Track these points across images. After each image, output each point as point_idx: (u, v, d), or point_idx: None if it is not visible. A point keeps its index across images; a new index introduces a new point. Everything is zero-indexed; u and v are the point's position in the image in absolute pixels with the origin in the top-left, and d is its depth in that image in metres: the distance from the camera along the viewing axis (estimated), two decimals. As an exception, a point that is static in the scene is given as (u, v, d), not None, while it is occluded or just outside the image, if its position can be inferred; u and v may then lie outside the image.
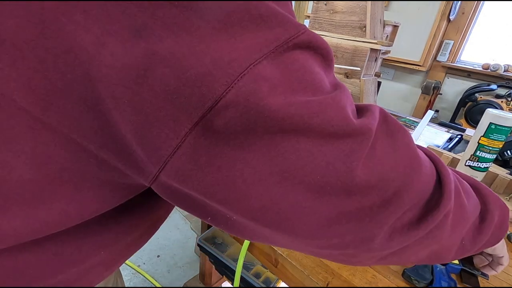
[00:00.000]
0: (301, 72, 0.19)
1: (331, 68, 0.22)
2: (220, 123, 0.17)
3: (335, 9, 1.07)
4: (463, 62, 1.92)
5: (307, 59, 0.20)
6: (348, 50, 1.07)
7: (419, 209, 0.24)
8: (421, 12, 1.84)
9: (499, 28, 1.75)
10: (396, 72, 2.13)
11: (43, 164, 0.21)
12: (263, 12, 0.18)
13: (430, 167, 0.25)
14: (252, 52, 0.17)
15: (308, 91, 0.19)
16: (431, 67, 1.96)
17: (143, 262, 1.47)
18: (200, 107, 0.17)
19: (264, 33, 0.18)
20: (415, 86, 2.07)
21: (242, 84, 0.17)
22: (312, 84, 0.19)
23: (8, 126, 0.20)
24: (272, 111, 0.18)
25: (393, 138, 0.23)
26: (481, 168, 0.63)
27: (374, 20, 1.01)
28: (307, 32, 0.19)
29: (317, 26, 1.14)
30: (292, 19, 0.19)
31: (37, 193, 0.22)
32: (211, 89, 0.17)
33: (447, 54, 1.88)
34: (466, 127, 1.70)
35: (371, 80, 1.11)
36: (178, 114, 0.17)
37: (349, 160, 0.20)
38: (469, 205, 0.28)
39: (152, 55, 0.16)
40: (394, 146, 0.23)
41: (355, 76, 1.08)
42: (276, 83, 0.18)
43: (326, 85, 0.20)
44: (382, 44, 0.99)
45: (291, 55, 0.19)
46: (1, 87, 0.18)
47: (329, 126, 0.19)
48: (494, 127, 0.59)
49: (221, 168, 0.19)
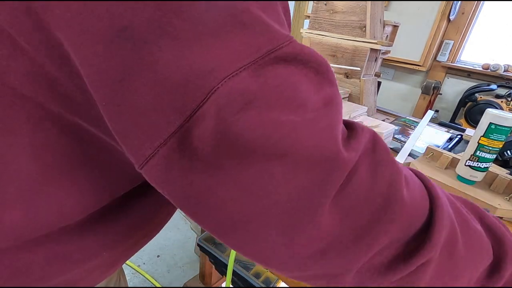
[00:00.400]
0: (282, 88, 0.18)
1: (327, 81, 0.20)
2: (194, 136, 0.17)
3: (335, 9, 1.07)
4: (463, 62, 1.92)
5: (293, 73, 0.18)
6: (348, 50, 1.07)
7: (395, 250, 0.21)
8: (421, 12, 1.84)
9: (499, 28, 1.75)
10: (396, 72, 2.13)
11: (41, 154, 0.21)
12: (246, 20, 0.17)
13: (420, 207, 0.22)
14: (231, 62, 0.16)
15: (286, 109, 0.18)
16: (431, 67, 1.96)
17: (143, 262, 1.47)
18: (177, 118, 0.17)
19: (246, 42, 0.17)
20: (415, 86, 2.07)
21: (215, 97, 0.16)
22: (292, 101, 0.18)
23: (6, 116, 0.20)
24: (242, 128, 0.17)
25: (376, 171, 0.21)
26: (481, 168, 0.63)
27: (374, 20, 1.01)
28: (293, 44, 0.18)
29: (317, 26, 1.14)
30: (277, 30, 0.18)
31: (35, 185, 0.22)
32: (189, 99, 0.16)
33: (447, 54, 1.88)
34: (466, 127, 1.70)
35: (371, 80, 1.11)
36: (156, 122, 0.17)
37: (318, 191, 0.18)
38: (468, 257, 0.24)
39: (136, 59, 0.16)
40: (375, 179, 0.20)
41: (355, 76, 1.08)
42: (252, 98, 0.17)
43: (313, 102, 0.19)
44: (382, 44, 0.99)
45: (274, 68, 0.17)
46: (1, 77, 0.19)
47: (301, 150, 0.18)
48: (494, 127, 0.59)
49: (193, 183, 0.18)
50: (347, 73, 1.10)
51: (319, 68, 0.20)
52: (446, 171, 0.70)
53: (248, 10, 0.17)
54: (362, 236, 0.20)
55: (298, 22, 2.36)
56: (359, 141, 0.21)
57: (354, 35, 1.04)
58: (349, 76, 1.10)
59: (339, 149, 0.19)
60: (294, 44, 0.18)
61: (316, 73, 0.19)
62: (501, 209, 0.58)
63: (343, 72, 1.11)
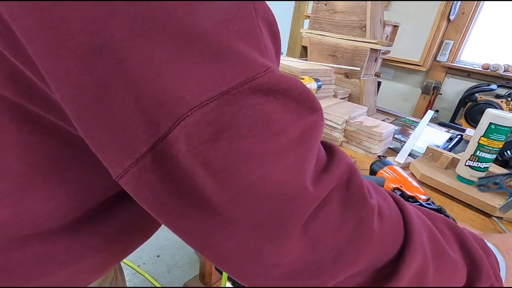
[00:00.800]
0: (256, 118, 0.18)
1: (309, 109, 0.20)
2: (167, 157, 0.17)
3: (335, 9, 1.07)
4: (463, 62, 1.92)
5: (268, 103, 0.18)
6: (348, 50, 1.07)
7: (363, 278, 0.23)
8: (421, 12, 1.84)
9: (499, 28, 1.75)
10: (396, 72, 2.13)
11: (28, 153, 0.22)
12: (221, 51, 0.17)
13: (390, 241, 0.23)
14: (202, 92, 0.16)
15: (259, 139, 0.18)
16: (431, 67, 1.96)
17: (143, 262, 1.47)
18: (150, 138, 0.17)
19: (219, 72, 0.17)
20: (415, 86, 2.07)
21: (185, 124, 0.16)
22: (265, 131, 0.18)
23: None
24: (210, 158, 0.17)
25: (347, 206, 0.22)
26: (481, 168, 0.63)
27: (374, 20, 1.01)
28: (270, 74, 0.18)
29: (317, 26, 1.14)
30: (254, 59, 0.18)
31: (24, 183, 0.22)
32: (162, 121, 0.16)
33: (447, 54, 1.88)
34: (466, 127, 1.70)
35: (371, 80, 1.11)
36: (128, 141, 0.17)
37: (283, 223, 0.19)
38: (439, 286, 0.25)
39: (110, 76, 0.16)
40: (345, 214, 0.21)
41: (355, 76, 1.08)
42: (222, 128, 0.17)
43: (290, 131, 0.19)
44: (382, 44, 0.99)
45: (248, 98, 0.17)
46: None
47: (268, 186, 0.18)
48: (494, 127, 0.59)
49: (164, 206, 0.19)
50: (347, 73, 1.10)
51: (299, 96, 0.20)
52: (446, 171, 0.70)
53: (224, 39, 0.17)
54: (330, 266, 0.21)
55: (298, 22, 2.36)
56: (332, 175, 0.21)
57: (354, 35, 1.04)
58: (349, 76, 1.10)
59: (305, 186, 0.19)
60: (271, 74, 0.18)
61: (296, 101, 0.19)
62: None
63: (343, 72, 1.11)
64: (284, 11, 2.46)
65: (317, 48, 1.16)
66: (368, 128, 0.79)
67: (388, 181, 0.58)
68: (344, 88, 1.10)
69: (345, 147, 0.85)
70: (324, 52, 1.15)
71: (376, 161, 0.65)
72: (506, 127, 0.58)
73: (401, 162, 0.76)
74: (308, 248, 0.20)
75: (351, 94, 1.10)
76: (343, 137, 0.84)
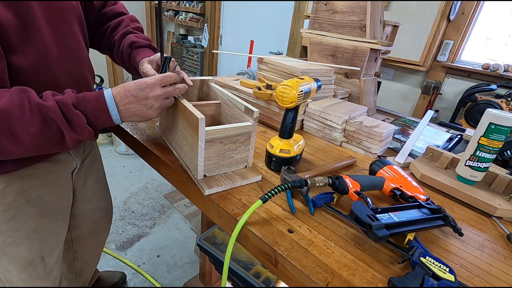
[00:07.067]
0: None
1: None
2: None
3: (335, 9, 1.07)
4: (463, 62, 1.92)
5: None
6: (348, 50, 1.07)
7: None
8: (421, 12, 1.84)
9: (499, 28, 1.75)
10: (396, 72, 2.13)
11: None
12: None
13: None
14: None
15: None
16: (431, 67, 1.96)
17: (143, 262, 1.47)
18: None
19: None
20: (415, 86, 2.07)
21: None
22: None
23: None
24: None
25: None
26: (481, 168, 0.63)
27: (374, 20, 1.01)
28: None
29: (317, 26, 1.14)
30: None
31: None
32: None
33: (447, 54, 1.88)
34: (466, 127, 1.70)
35: (371, 80, 1.11)
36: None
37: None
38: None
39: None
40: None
41: (355, 76, 1.08)
42: None
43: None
44: (382, 44, 0.99)
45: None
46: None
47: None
48: (494, 127, 0.59)
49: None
50: (347, 73, 1.10)
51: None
52: (446, 171, 0.70)
53: None
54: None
55: (298, 22, 2.36)
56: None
57: (354, 35, 1.04)
58: (349, 76, 1.10)
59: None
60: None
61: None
62: (501, 209, 0.58)
63: (343, 72, 1.11)
64: (284, 11, 2.46)
65: (317, 48, 1.16)
66: (368, 128, 0.79)
67: (388, 181, 0.58)
68: (344, 88, 1.10)
69: (345, 147, 0.85)
70: (324, 52, 1.15)
71: (376, 161, 0.65)
72: (506, 127, 0.58)
73: (401, 162, 0.76)
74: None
75: (351, 94, 1.10)
76: (343, 137, 0.85)
